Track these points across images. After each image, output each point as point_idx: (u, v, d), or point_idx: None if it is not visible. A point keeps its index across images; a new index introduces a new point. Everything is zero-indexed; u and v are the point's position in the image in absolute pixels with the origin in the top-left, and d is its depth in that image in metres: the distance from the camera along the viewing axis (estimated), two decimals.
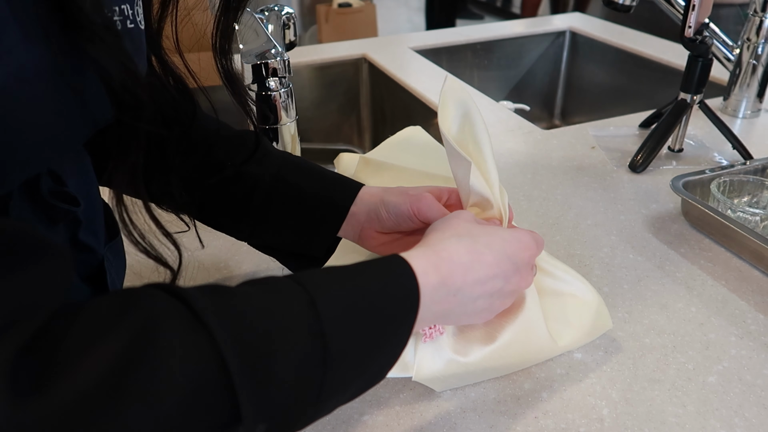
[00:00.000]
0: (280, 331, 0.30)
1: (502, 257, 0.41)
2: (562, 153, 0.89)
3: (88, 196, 0.39)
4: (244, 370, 0.27)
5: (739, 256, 0.64)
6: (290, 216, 0.52)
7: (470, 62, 1.45)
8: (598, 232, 0.69)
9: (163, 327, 0.26)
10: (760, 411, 0.46)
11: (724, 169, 0.74)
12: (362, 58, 1.35)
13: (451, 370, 0.46)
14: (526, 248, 0.44)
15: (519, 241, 0.43)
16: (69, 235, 0.37)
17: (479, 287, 0.40)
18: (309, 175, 0.53)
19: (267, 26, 0.71)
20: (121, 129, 0.35)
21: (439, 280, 0.37)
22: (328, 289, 0.33)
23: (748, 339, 0.53)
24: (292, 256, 0.55)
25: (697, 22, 0.76)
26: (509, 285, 0.42)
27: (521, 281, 0.44)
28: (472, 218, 0.45)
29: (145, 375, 0.25)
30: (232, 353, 0.27)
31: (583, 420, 0.46)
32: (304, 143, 1.35)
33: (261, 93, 0.67)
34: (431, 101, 1.09)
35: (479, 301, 0.41)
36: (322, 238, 0.53)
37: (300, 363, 0.30)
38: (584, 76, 1.48)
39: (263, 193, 0.51)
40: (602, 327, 0.53)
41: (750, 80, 0.97)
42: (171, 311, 0.28)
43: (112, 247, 0.44)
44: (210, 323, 0.27)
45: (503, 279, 0.41)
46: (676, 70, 1.22)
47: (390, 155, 0.72)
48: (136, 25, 0.35)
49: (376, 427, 0.46)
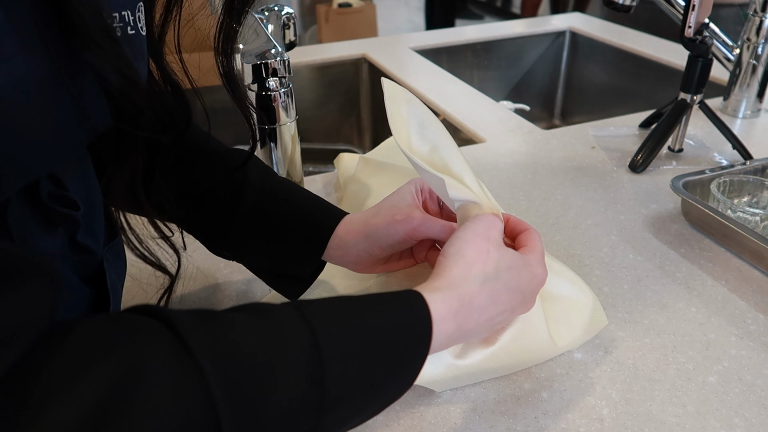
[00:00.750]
0: (277, 373, 0.29)
1: (516, 293, 0.42)
2: (562, 153, 0.89)
3: (88, 198, 0.38)
4: (234, 415, 0.26)
5: (739, 256, 0.64)
6: (272, 243, 0.51)
7: (470, 62, 1.45)
8: (598, 232, 0.69)
9: (149, 367, 0.26)
10: (760, 411, 0.46)
11: (724, 169, 0.74)
12: (362, 58, 1.35)
13: (451, 373, 0.47)
14: (537, 280, 0.44)
15: (532, 274, 0.43)
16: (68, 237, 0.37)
17: (488, 323, 0.41)
18: (286, 202, 0.52)
19: (267, 26, 0.71)
20: (119, 136, 0.35)
21: (455, 327, 0.38)
22: (333, 328, 0.32)
23: (748, 339, 0.53)
24: (279, 278, 0.54)
25: (697, 22, 0.76)
26: (514, 314, 0.44)
27: (525, 309, 0.45)
28: (496, 233, 0.43)
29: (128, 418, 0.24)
30: (223, 395, 0.26)
31: (583, 420, 0.46)
32: (304, 143, 1.35)
33: (261, 93, 0.67)
34: (431, 101, 1.09)
35: (482, 332, 0.42)
36: (308, 262, 0.52)
37: (295, 407, 0.29)
38: (584, 76, 1.48)
39: (242, 221, 0.50)
40: (598, 325, 0.53)
41: (750, 80, 0.97)
42: (161, 347, 0.27)
43: (111, 248, 0.44)
44: (202, 363, 0.26)
45: (510, 311, 0.43)
46: (676, 70, 1.22)
47: (390, 155, 0.72)
48: (137, 32, 0.35)
49: (376, 427, 0.46)
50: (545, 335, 0.49)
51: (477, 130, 0.97)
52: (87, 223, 0.38)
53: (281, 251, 0.51)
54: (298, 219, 0.51)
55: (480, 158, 0.88)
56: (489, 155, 0.89)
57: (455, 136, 1.00)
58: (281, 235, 0.51)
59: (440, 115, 1.06)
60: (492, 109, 1.05)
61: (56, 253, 0.36)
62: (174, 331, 0.27)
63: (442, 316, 0.37)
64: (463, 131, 0.99)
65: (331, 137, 1.41)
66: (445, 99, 1.09)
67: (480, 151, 0.90)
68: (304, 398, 0.29)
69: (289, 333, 0.30)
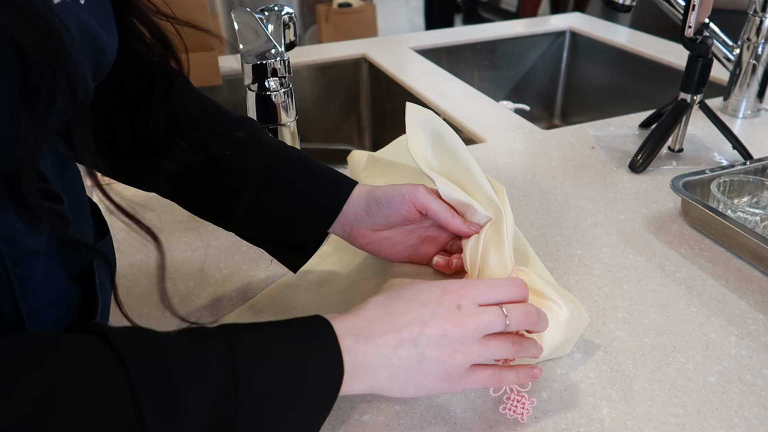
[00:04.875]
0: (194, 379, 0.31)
1: (413, 304, 0.40)
2: (562, 153, 0.89)
3: (73, 196, 0.38)
4: (155, 404, 0.29)
5: (739, 256, 0.64)
6: (282, 211, 0.52)
7: (470, 62, 1.45)
8: (598, 232, 0.69)
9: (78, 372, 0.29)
10: (760, 411, 0.47)
11: (724, 169, 0.74)
12: (362, 58, 1.35)
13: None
14: (447, 292, 0.41)
15: (440, 288, 0.42)
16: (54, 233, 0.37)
17: (393, 335, 0.39)
18: (304, 171, 0.53)
19: (267, 26, 0.71)
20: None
21: (353, 339, 0.38)
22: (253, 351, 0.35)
23: (748, 339, 0.53)
24: (280, 248, 0.55)
25: (697, 22, 0.76)
26: (431, 329, 0.39)
27: (446, 323, 0.40)
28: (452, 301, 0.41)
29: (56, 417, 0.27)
30: (146, 390, 0.29)
31: (583, 420, 0.46)
32: (304, 143, 1.35)
33: (261, 93, 0.67)
34: (431, 101, 1.09)
35: (402, 350, 0.39)
36: (313, 233, 0.53)
37: (212, 404, 0.31)
38: (584, 76, 1.48)
39: (256, 186, 0.51)
40: (582, 324, 0.51)
41: (750, 80, 0.97)
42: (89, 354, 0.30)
43: (101, 248, 0.44)
44: (128, 362, 0.29)
45: (420, 324, 0.39)
46: (676, 70, 1.22)
47: (400, 154, 0.72)
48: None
49: (376, 427, 0.46)
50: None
51: (477, 130, 0.97)
52: (73, 219, 0.38)
53: (288, 225, 0.53)
54: (309, 194, 0.53)
55: (480, 158, 0.88)
56: (489, 155, 0.89)
57: None
58: (290, 212, 0.52)
59: (440, 115, 1.06)
60: (492, 109, 1.05)
61: (42, 249, 0.35)
62: (105, 340, 0.30)
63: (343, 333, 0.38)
64: (463, 131, 0.99)
65: (331, 137, 1.41)
66: (445, 99, 1.09)
67: (480, 151, 0.90)
68: (220, 397, 0.31)
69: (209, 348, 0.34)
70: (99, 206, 0.44)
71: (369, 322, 0.39)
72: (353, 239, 0.54)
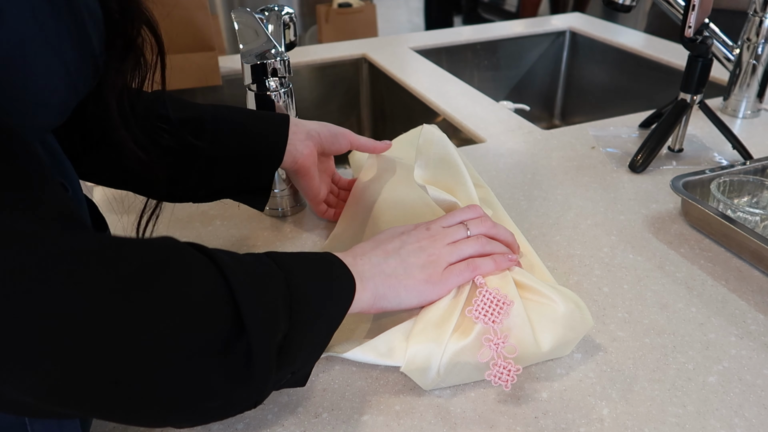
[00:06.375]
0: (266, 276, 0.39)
1: (393, 233, 0.52)
2: (562, 153, 0.89)
3: (72, 190, 0.39)
4: (245, 289, 0.35)
5: (739, 256, 0.64)
6: (237, 152, 0.60)
7: (470, 62, 1.45)
8: (598, 232, 0.69)
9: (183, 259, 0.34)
10: (760, 411, 0.47)
11: (724, 169, 0.74)
12: (362, 58, 1.35)
13: (434, 365, 0.47)
14: (418, 225, 0.52)
15: (413, 225, 0.53)
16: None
17: (381, 251, 0.49)
18: (242, 113, 0.62)
19: (267, 26, 0.71)
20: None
21: (351, 257, 0.48)
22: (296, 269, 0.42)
23: (748, 339, 0.53)
24: (242, 193, 0.64)
25: (697, 22, 0.76)
26: (409, 245, 0.50)
27: (421, 239, 0.50)
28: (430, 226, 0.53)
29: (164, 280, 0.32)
30: (236, 280, 0.35)
31: (583, 420, 0.46)
32: None
33: (261, 93, 0.67)
34: (431, 101, 1.09)
35: (390, 260, 0.48)
36: (267, 173, 0.62)
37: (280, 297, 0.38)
38: (584, 76, 1.48)
39: (209, 132, 0.58)
40: (584, 327, 0.51)
41: (750, 80, 0.97)
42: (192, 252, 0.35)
43: None
44: (219, 262, 0.35)
45: (400, 243, 0.50)
46: (676, 70, 1.22)
47: (401, 153, 0.72)
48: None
49: (376, 427, 0.46)
50: (531, 339, 0.48)
51: (477, 130, 0.97)
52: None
53: (242, 172, 0.61)
54: (256, 132, 0.61)
55: (480, 158, 0.88)
56: (489, 155, 0.89)
57: (455, 137, 1.00)
58: (240, 160, 0.60)
59: (440, 115, 1.06)
60: (492, 109, 1.05)
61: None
62: (202, 251, 0.36)
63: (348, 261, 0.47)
64: (463, 131, 0.99)
65: None
66: (445, 99, 1.09)
67: (480, 151, 0.90)
68: (283, 294, 0.39)
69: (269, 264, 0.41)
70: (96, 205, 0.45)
71: (361, 249, 0.50)
72: (299, 168, 0.64)
